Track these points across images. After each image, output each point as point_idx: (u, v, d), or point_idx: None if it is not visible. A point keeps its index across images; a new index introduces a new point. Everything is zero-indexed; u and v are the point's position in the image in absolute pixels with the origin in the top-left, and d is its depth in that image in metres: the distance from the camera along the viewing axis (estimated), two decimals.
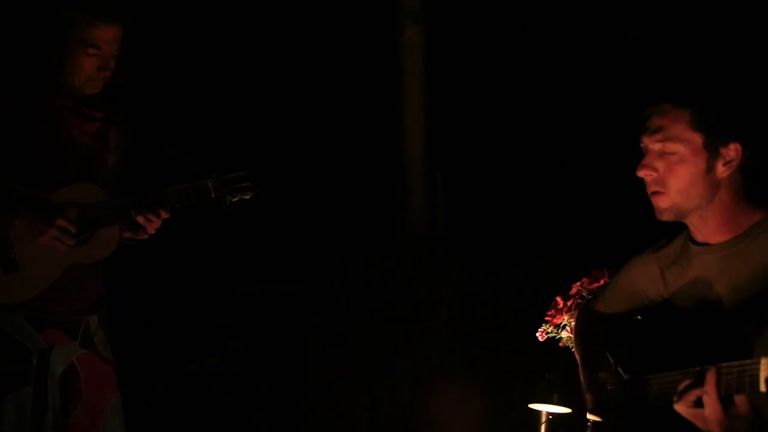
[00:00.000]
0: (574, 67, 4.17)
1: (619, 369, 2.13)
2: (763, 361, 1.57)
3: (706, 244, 2.01)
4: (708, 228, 1.99)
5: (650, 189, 2.01)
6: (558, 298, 2.83)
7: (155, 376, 3.77)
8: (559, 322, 2.81)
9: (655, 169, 1.98)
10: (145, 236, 2.57)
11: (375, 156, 4.46)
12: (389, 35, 4.44)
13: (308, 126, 4.39)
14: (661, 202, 2.00)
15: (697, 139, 1.94)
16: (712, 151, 1.94)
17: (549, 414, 3.01)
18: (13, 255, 2.37)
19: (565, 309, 2.80)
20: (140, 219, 2.51)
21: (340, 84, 4.40)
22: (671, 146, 1.96)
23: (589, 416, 2.29)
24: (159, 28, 3.54)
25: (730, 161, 1.94)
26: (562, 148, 4.05)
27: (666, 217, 2.01)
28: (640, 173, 2.01)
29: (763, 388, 1.57)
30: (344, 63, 4.41)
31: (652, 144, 1.99)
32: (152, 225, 2.52)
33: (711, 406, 1.68)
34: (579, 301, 2.78)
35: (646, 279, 2.18)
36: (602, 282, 2.75)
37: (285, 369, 4.05)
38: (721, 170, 1.95)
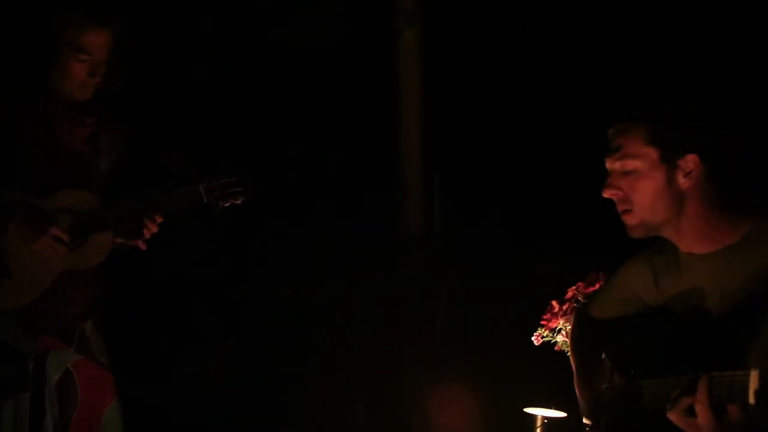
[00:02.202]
0: (573, 68, 4.16)
1: (615, 373, 2.14)
2: (753, 373, 1.57)
3: (694, 254, 2.01)
4: (687, 240, 2.00)
5: (619, 208, 2.04)
6: (554, 302, 2.83)
7: (152, 379, 3.77)
8: (554, 326, 2.81)
9: (618, 188, 2.01)
10: (138, 241, 2.57)
11: (372, 158, 4.46)
12: (386, 38, 4.44)
13: (305, 128, 4.38)
14: (630, 220, 2.02)
15: (653, 153, 1.97)
16: (669, 164, 1.97)
17: (544, 418, 3.01)
18: (6, 261, 2.38)
19: (560, 313, 2.81)
20: (137, 225, 2.52)
21: (337, 86, 4.39)
22: (630, 163, 1.99)
23: (585, 420, 2.29)
24: (155, 30, 3.54)
25: (690, 172, 1.96)
26: (560, 151, 4.04)
27: (637, 234, 2.04)
28: (605, 194, 2.04)
29: (751, 400, 1.57)
30: (341, 65, 4.40)
31: (613, 164, 2.03)
32: (147, 230, 2.53)
33: (703, 415, 1.68)
34: (574, 305, 2.78)
35: (640, 283, 2.19)
36: (598, 286, 2.75)
37: (282, 371, 4.05)
38: (682, 182, 1.97)
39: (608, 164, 2.04)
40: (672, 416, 1.75)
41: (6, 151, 2.46)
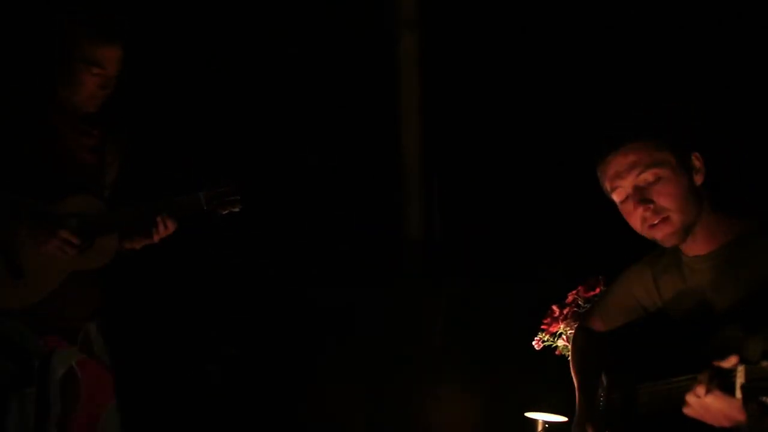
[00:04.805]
0: (573, 70, 4.16)
1: (614, 382, 2.15)
2: (740, 368, 1.59)
3: (696, 256, 2.03)
4: (697, 242, 2.02)
5: (650, 223, 1.99)
6: (554, 307, 2.83)
7: (153, 383, 3.78)
8: (555, 330, 2.81)
9: (650, 201, 1.98)
10: (145, 243, 2.64)
11: (372, 164, 4.46)
12: (385, 43, 4.44)
13: (304, 134, 4.39)
14: (667, 228, 1.98)
15: (671, 157, 1.98)
16: (686, 165, 2.00)
17: (545, 422, 3.01)
18: (18, 262, 2.46)
19: (561, 317, 2.81)
20: (145, 229, 2.58)
21: (336, 92, 4.40)
22: (655, 171, 1.97)
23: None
24: (156, 33, 3.56)
25: (699, 170, 2.00)
26: (561, 154, 4.05)
27: (676, 240, 2.00)
28: (639, 212, 1.99)
29: (738, 394, 1.58)
30: (341, 71, 4.41)
31: (633, 180, 2.00)
32: (157, 233, 2.58)
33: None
34: (575, 309, 2.79)
35: (640, 288, 2.21)
36: (598, 290, 2.75)
37: (282, 376, 4.05)
38: (697, 180, 2.00)
39: (625, 183, 2.01)
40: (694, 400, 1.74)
41: (17, 160, 2.53)
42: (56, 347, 2.56)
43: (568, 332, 2.73)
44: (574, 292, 2.83)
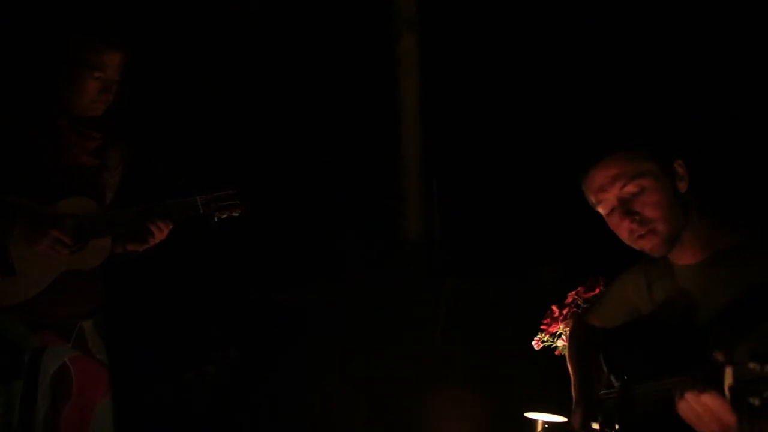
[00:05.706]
0: (570, 73, 4.17)
1: (611, 377, 2.15)
2: (727, 369, 1.59)
3: (687, 265, 2.03)
4: (686, 251, 2.01)
5: (637, 235, 1.98)
6: (553, 307, 2.83)
7: (151, 384, 3.78)
8: (554, 330, 2.81)
9: (635, 213, 1.97)
10: (145, 246, 2.65)
11: (371, 165, 4.47)
12: (385, 44, 4.45)
13: (304, 135, 4.40)
14: (654, 239, 1.97)
15: (653, 166, 1.97)
16: (668, 173, 1.98)
17: (545, 422, 3.01)
18: (11, 260, 2.50)
19: (560, 317, 2.81)
20: (143, 231, 2.60)
21: (335, 92, 4.41)
22: (638, 183, 1.96)
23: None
24: (158, 37, 3.57)
25: (683, 176, 1.98)
26: (558, 156, 4.05)
27: (664, 250, 1.99)
28: (625, 224, 1.98)
29: (726, 394, 1.59)
30: (340, 72, 4.42)
31: (617, 192, 1.99)
32: (152, 237, 2.59)
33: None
34: (574, 309, 2.79)
35: (635, 291, 2.21)
36: (597, 291, 2.75)
37: (281, 376, 4.06)
38: (681, 187, 1.99)
39: (609, 197, 2.00)
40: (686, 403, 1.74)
41: (16, 162, 2.57)
42: (49, 344, 2.58)
43: (568, 332, 2.73)
44: (573, 292, 2.83)
